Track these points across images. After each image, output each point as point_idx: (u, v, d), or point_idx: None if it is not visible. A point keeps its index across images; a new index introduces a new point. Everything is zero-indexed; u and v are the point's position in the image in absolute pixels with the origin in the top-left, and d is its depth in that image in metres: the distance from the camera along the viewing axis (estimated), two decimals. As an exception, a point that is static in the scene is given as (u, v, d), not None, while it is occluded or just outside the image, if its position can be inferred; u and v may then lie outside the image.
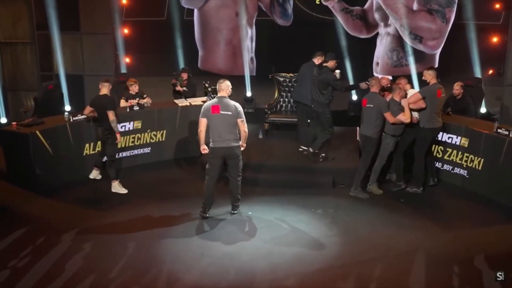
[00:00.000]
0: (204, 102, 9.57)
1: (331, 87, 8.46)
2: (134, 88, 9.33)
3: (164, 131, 9.47)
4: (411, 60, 13.79)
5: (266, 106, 10.25)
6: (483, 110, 11.02)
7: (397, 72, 13.96)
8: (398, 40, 14.00)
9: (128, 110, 9.07)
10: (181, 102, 9.70)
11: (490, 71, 12.38)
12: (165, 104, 9.84)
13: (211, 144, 6.93)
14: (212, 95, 10.33)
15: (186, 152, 9.52)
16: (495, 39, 12.43)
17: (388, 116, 7.63)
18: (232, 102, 6.95)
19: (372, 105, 7.74)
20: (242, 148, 7.09)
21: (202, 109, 6.95)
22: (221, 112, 6.83)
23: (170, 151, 9.54)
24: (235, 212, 7.41)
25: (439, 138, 8.42)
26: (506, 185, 7.66)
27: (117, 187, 8.14)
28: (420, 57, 14.13)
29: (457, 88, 9.00)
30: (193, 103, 9.67)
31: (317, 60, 8.67)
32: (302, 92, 8.82)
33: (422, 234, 6.97)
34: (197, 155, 8.67)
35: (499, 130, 7.84)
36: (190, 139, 9.31)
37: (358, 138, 8.27)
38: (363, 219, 7.42)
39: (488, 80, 11.84)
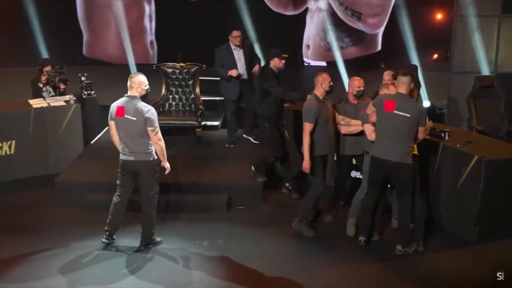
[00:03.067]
0: (67, 102, 8.82)
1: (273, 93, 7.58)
2: None
3: (13, 142, 8.53)
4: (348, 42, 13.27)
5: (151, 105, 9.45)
6: (426, 103, 10.54)
7: (333, 57, 13.57)
8: (332, 18, 13.57)
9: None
10: (37, 103, 8.81)
11: (435, 55, 11.97)
12: (13, 106, 8.87)
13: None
14: (86, 92, 9.56)
15: (45, 168, 8.68)
16: (439, 16, 12.02)
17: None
18: (141, 105, 6.35)
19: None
20: (166, 171, 6.60)
21: (109, 110, 6.45)
22: (125, 116, 6.32)
23: (22, 168, 8.61)
24: (143, 247, 6.72)
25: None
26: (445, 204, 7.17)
27: None
28: (359, 37, 13.76)
29: (386, 78, 8.28)
30: (52, 104, 8.79)
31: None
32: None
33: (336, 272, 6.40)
34: (59, 171, 8.09)
35: (432, 131, 7.27)
36: (51, 151, 8.62)
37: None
38: (258, 254, 6.75)
39: (434, 65, 11.45)
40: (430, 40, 11.38)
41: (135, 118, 6.31)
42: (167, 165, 6.60)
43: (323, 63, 14.01)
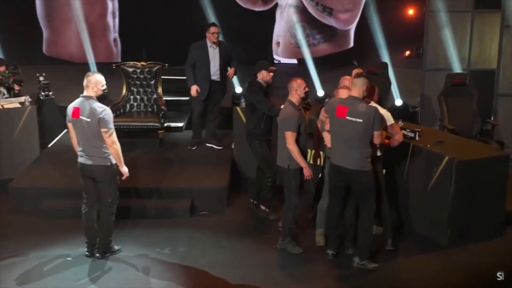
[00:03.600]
0: (22, 103, 8.61)
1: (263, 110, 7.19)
2: None
3: (-42, 147, 8.27)
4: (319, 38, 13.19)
5: (110, 107, 9.25)
6: (398, 102, 10.47)
7: (302, 54, 13.45)
8: (303, 13, 13.47)
9: None
10: (-16, 105, 8.58)
11: (407, 52, 11.95)
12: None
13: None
14: (43, 93, 9.36)
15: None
16: (411, 12, 12.00)
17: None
18: (96, 105, 6.21)
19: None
20: (124, 176, 6.43)
21: (67, 111, 6.31)
22: (80, 117, 6.19)
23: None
24: (101, 256, 6.54)
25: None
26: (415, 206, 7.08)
27: None
28: (331, 34, 13.69)
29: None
30: (6, 106, 8.55)
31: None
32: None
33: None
34: (13, 176, 7.90)
35: (403, 132, 7.17)
36: (5, 156, 8.37)
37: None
38: (221, 262, 6.63)
39: (406, 62, 11.42)
40: (402, 36, 11.33)
41: (89, 119, 6.17)
42: (124, 169, 6.42)
43: (294, 61, 13.90)
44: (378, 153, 6.39)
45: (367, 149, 6.05)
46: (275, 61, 14.06)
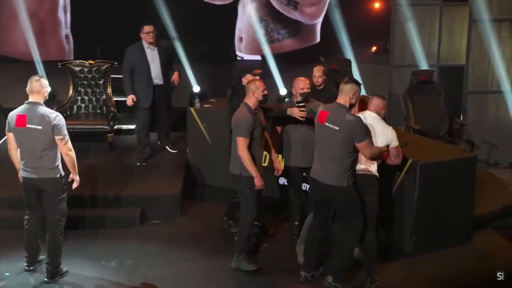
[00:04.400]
0: None
1: None
2: None
3: None
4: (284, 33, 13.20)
5: (55, 109, 9.02)
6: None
7: (266, 51, 13.34)
8: (266, 7, 13.42)
9: None
10: None
11: (374, 48, 11.88)
12: None
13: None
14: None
15: None
16: (377, 5, 11.95)
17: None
18: (47, 111, 5.93)
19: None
20: (75, 184, 6.21)
21: (7, 119, 5.99)
22: (27, 125, 5.87)
23: None
24: (49, 280, 6.17)
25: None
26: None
27: None
28: (296, 29, 13.64)
29: (317, 74, 8.02)
30: None
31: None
32: None
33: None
34: None
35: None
36: None
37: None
38: (172, 274, 6.45)
39: (373, 58, 11.37)
40: (369, 31, 11.28)
41: (40, 127, 5.86)
42: (77, 178, 6.18)
43: (258, 57, 13.76)
44: (372, 170, 5.85)
45: (345, 162, 5.64)
46: (238, 58, 13.93)
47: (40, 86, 5.93)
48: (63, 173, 6.10)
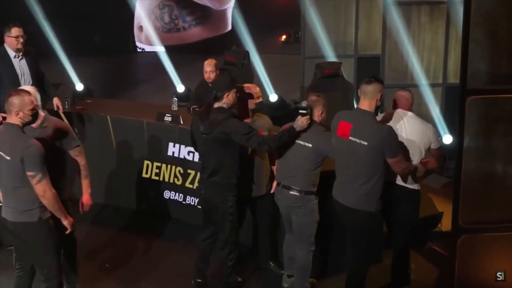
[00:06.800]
0: None
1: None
2: None
3: None
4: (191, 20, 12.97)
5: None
6: (273, 97, 10.21)
7: (173, 40, 13.11)
8: None
9: None
10: None
11: (284, 36, 11.71)
12: None
13: None
14: None
15: None
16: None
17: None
18: (19, 138, 5.03)
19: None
20: (69, 228, 5.24)
21: None
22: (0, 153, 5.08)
23: None
24: None
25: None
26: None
27: None
28: (204, 15, 13.45)
29: (209, 69, 7.63)
30: None
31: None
32: None
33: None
34: None
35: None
36: None
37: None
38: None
39: (284, 48, 11.18)
40: (279, 18, 11.10)
41: (9, 158, 5.06)
42: (68, 222, 5.26)
43: (161, 48, 13.40)
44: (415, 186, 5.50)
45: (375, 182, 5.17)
46: (138, 49, 13.60)
47: (12, 105, 5.00)
48: (45, 216, 5.18)
